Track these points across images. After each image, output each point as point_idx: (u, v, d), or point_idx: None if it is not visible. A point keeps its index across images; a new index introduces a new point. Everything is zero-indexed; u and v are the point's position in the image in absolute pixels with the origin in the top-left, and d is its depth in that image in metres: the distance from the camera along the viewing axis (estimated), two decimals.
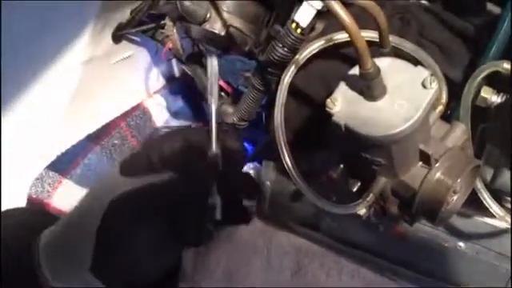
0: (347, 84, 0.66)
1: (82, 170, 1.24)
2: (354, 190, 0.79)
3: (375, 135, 0.62)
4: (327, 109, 0.66)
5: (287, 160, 0.76)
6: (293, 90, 0.84)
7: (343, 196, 0.82)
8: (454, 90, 0.78)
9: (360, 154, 0.70)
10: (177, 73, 1.51)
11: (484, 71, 0.71)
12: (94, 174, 1.28)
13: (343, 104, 0.65)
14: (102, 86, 1.27)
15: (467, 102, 0.75)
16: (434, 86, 0.62)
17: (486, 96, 0.72)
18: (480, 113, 0.76)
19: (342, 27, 0.57)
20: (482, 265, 0.95)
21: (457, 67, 0.81)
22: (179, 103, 1.52)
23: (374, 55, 0.67)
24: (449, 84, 0.76)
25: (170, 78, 1.51)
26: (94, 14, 1.12)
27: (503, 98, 0.71)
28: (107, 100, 1.30)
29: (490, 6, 0.83)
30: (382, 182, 0.73)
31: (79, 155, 1.23)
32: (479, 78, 0.72)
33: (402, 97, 0.63)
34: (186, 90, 1.48)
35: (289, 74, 0.76)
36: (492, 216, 0.81)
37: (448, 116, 0.81)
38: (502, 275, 0.93)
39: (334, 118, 0.65)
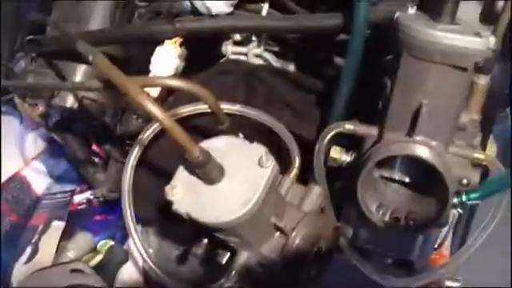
0: (186, 169, 0.63)
1: None
2: (223, 262, 0.76)
3: (215, 222, 0.59)
4: (167, 197, 0.62)
5: (138, 246, 0.72)
6: (148, 165, 0.80)
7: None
8: (312, 148, 0.77)
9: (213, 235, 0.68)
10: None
11: (329, 133, 0.70)
12: None
13: (183, 191, 0.62)
14: None
15: (320, 163, 0.73)
16: (270, 163, 0.60)
17: (335, 156, 0.71)
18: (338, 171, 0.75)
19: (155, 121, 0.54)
20: None
21: (310, 125, 0.80)
22: (62, 166, 1.44)
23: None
24: (305, 143, 0.75)
25: (50, 140, 1.43)
26: None
27: (353, 157, 0.71)
28: None
29: (338, 60, 0.83)
30: (243, 256, 0.71)
31: None
32: (326, 140, 0.71)
33: (239, 178, 0.61)
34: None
35: (133, 156, 0.72)
36: None
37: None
38: None
39: (175, 207, 0.62)
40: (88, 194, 1.35)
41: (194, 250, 0.75)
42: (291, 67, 0.88)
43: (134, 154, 0.72)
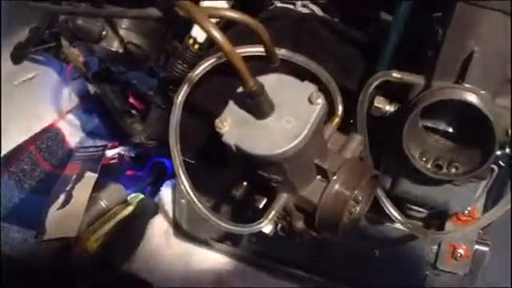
0: (235, 103, 0.64)
1: None
2: (260, 206, 0.77)
3: (264, 154, 0.61)
4: (217, 129, 0.64)
5: (184, 182, 0.73)
6: (193, 108, 0.81)
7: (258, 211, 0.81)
8: (354, 101, 0.77)
9: (257, 172, 0.69)
10: (91, 90, 1.45)
11: (375, 81, 0.71)
12: (3, 203, 1.21)
13: (232, 123, 0.64)
14: (5, 110, 1.20)
15: (362, 113, 0.74)
16: (320, 101, 0.61)
17: (379, 105, 0.72)
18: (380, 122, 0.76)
19: (218, 47, 0.55)
20: (397, 269, 0.95)
21: (355, 78, 0.80)
22: (94, 122, 1.47)
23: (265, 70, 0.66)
24: (347, 95, 0.76)
25: (83, 96, 1.46)
26: None
27: (396, 107, 0.71)
28: (13, 124, 1.23)
29: (384, 15, 0.83)
30: (283, 198, 0.72)
31: None
32: (371, 88, 0.72)
33: (289, 113, 0.62)
34: (101, 107, 1.42)
35: (182, 93, 0.73)
36: None
37: (350, 127, 0.80)
38: (416, 279, 0.94)
39: (224, 139, 0.63)
40: (120, 150, 1.38)
41: (234, 192, 0.77)
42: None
43: (184, 90, 0.73)
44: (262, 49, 0.68)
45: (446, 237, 0.83)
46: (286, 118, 0.62)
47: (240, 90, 0.64)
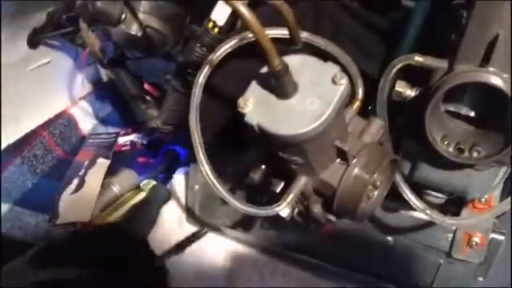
0: (259, 83, 0.64)
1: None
2: (278, 190, 0.77)
3: (287, 134, 0.61)
4: (239, 109, 0.64)
5: (204, 164, 0.73)
6: (212, 91, 0.81)
7: (274, 195, 0.81)
8: (373, 86, 0.77)
9: (278, 154, 0.69)
10: (104, 77, 1.46)
11: (397, 65, 0.71)
12: (15, 187, 1.22)
13: (255, 103, 0.64)
14: (19, 94, 1.21)
15: (383, 97, 0.74)
16: (344, 81, 0.61)
17: (400, 90, 0.72)
18: (400, 107, 0.76)
19: (246, 26, 0.55)
20: (411, 258, 0.95)
21: (374, 62, 0.80)
22: (107, 109, 1.48)
23: (287, 52, 0.66)
24: (368, 80, 0.76)
25: (96, 83, 1.47)
26: (6, 18, 1.06)
27: (417, 92, 0.71)
28: (27, 109, 1.24)
29: (405, 1, 0.83)
30: (302, 181, 0.72)
31: None
32: (393, 72, 0.72)
33: (312, 94, 0.62)
34: (113, 94, 1.43)
35: (203, 74, 0.73)
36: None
37: (368, 111, 0.80)
38: (430, 267, 0.94)
39: (247, 118, 0.63)
40: (132, 137, 1.39)
41: (252, 175, 0.77)
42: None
43: (204, 72, 0.73)
44: (285, 31, 0.69)
45: (461, 225, 0.83)
46: (309, 98, 0.62)
47: (264, 69, 0.64)
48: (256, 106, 0.63)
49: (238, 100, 0.64)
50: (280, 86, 0.61)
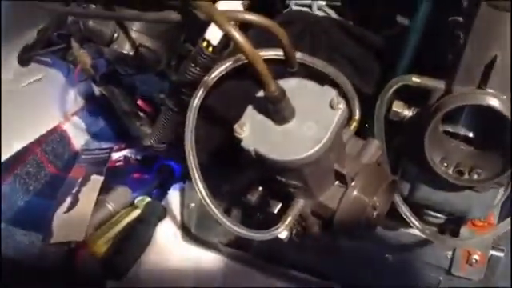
0: (255, 107, 0.63)
1: None
2: (275, 211, 0.76)
3: (285, 160, 0.60)
4: (236, 134, 0.63)
5: (199, 187, 0.72)
6: (206, 112, 0.80)
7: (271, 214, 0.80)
8: (369, 105, 0.77)
9: (275, 177, 0.68)
10: (96, 92, 1.44)
11: (394, 85, 0.70)
12: (8, 206, 1.20)
13: (252, 128, 0.63)
14: (11, 112, 1.19)
15: (380, 117, 0.74)
16: (342, 106, 0.60)
17: (397, 110, 0.71)
18: (397, 127, 0.75)
19: (239, 50, 0.54)
20: (410, 275, 0.94)
21: (370, 82, 0.80)
22: (99, 124, 1.46)
23: (284, 74, 0.65)
24: (363, 99, 0.75)
25: (89, 98, 1.45)
26: None
27: (415, 112, 0.71)
28: (19, 126, 1.22)
29: (400, 18, 0.82)
30: (300, 204, 0.71)
31: None
32: (390, 93, 0.71)
33: (310, 118, 0.61)
34: (106, 109, 1.41)
35: (198, 97, 0.72)
36: None
37: (365, 131, 0.79)
38: (430, 284, 0.94)
39: (243, 144, 0.62)
40: (125, 152, 1.37)
41: (249, 197, 0.76)
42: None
43: (200, 94, 0.72)
44: (280, 52, 0.68)
45: (463, 245, 0.82)
46: (307, 123, 0.61)
47: (260, 94, 0.63)
48: (252, 131, 0.62)
49: (233, 125, 0.63)
50: (277, 110, 0.60)
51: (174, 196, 1.17)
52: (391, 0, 0.81)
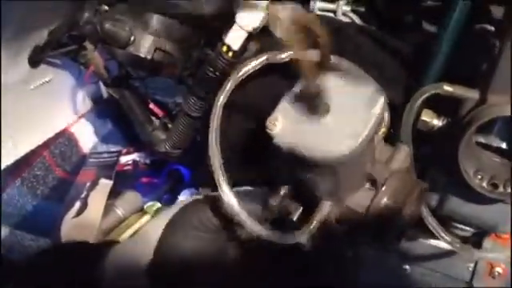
0: (289, 103, 0.61)
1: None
2: (295, 218, 0.74)
3: (321, 157, 0.58)
4: (267, 130, 0.60)
5: (225, 190, 0.68)
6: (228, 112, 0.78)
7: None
8: (396, 113, 0.75)
9: (303, 177, 0.65)
10: (105, 94, 1.42)
11: (425, 93, 0.68)
12: (15, 210, 1.17)
13: (284, 124, 0.60)
14: (20, 114, 1.16)
15: (408, 125, 0.72)
16: (380, 101, 0.59)
17: (427, 119, 0.69)
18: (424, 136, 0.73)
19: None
20: (429, 287, 0.93)
21: (394, 88, 0.77)
22: (108, 127, 1.43)
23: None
24: (390, 107, 0.73)
25: (97, 101, 1.42)
26: (7, 37, 1.03)
27: (444, 122, 0.69)
28: (27, 128, 1.20)
29: (426, 25, 0.81)
30: (326, 207, 0.68)
31: None
32: (420, 101, 0.69)
33: (347, 114, 0.59)
34: (114, 112, 1.39)
35: (224, 93, 0.68)
36: (437, 238, 0.78)
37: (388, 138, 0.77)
38: None
39: (276, 140, 0.60)
40: (134, 156, 1.35)
41: (271, 202, 0.74)
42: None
43: (227, 89, 0.68)
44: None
45: (492, 258, 0.80)
46: (343, 119, 0.59)
47: (293, 90, 0.61)
48: (285, 127, 0.60)
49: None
50: (313, 106, 0.58)
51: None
52: (418, 6, 0.79)
